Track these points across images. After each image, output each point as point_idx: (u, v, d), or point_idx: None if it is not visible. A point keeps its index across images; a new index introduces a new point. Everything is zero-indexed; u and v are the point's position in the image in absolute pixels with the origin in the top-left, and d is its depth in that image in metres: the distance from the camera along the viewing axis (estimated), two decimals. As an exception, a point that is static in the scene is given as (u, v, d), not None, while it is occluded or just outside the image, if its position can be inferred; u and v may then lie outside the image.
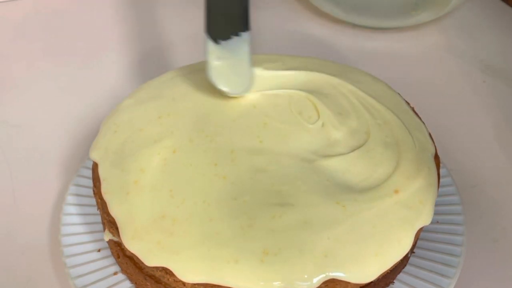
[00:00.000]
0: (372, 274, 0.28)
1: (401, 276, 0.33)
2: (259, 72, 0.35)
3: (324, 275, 0.27)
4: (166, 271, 0.28)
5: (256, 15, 0.59)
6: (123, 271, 0.33)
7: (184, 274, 0.27)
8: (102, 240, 0.34)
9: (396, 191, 0.30)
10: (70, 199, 0.36)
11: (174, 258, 0.28)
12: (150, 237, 0.28)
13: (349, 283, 0.27)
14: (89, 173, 0.36)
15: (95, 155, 0.33)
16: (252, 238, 0.27)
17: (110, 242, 0.33)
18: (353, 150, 0.32)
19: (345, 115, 0.34)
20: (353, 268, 0.27)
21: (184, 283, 0.28)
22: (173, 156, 0.31)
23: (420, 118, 0.35)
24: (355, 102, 0.35)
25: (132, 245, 0.29)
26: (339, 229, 0.28)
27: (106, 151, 0.33)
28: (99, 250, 0.34)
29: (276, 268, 0.27)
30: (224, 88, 0.34)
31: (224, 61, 0.34)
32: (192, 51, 0.54)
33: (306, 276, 0.27)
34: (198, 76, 0.37)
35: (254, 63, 0.35)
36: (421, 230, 0.30)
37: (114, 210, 0.30)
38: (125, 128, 0.34)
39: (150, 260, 0.28)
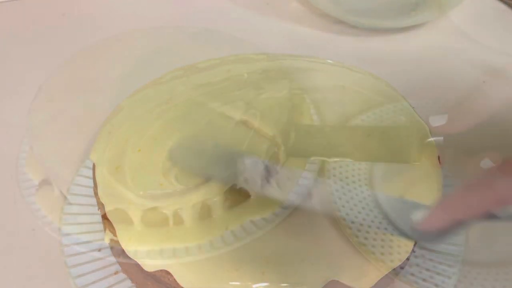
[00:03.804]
0: (372, 279, 0.28)
1: (401, 276, 0.33)
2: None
3: (325, 282, 0.27)
4: (166, 271, 0.28)
5: (256, 15, 0.59)
6: (124, 270, 0.33)
7: (184, 280, 0.27)
8: (102, 239, 0.34)
9: (401, 197, 0.30)
10: (70, 198, 0.36)
11: (172, 263, 0.27)
12: (148, 241, 0.28)
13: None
14: (89, 173, 0.36)
15: (93, 157, 0.33)
16: (253, 246, 0.27)
17: (110, 241, 0.33)
18: (355, 151, 0.31)
19: (349, 115, 0.34)
20: (354, 274, 0.27)
21: (185, 284, 0.28)
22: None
23: (421, 119, 0.35)
24: (358, 101, 0.35)
25: (130, 250, 0.28)
26: (341, 236, 0.28)
27: (104, 153, 0.33)
28: (99, 250, 0.34)
29: (277, 278, 0.26)
30: None
31: None
32: (192, 51, 0.54)
33: (307, 284, 0.27)
34: (198, 76, 0.37)
35: (256, 62, 0.35)
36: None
37: (111, 215, 0.30)
38: (124, 130, 0.34)
39: (149, 265, 0.28)
